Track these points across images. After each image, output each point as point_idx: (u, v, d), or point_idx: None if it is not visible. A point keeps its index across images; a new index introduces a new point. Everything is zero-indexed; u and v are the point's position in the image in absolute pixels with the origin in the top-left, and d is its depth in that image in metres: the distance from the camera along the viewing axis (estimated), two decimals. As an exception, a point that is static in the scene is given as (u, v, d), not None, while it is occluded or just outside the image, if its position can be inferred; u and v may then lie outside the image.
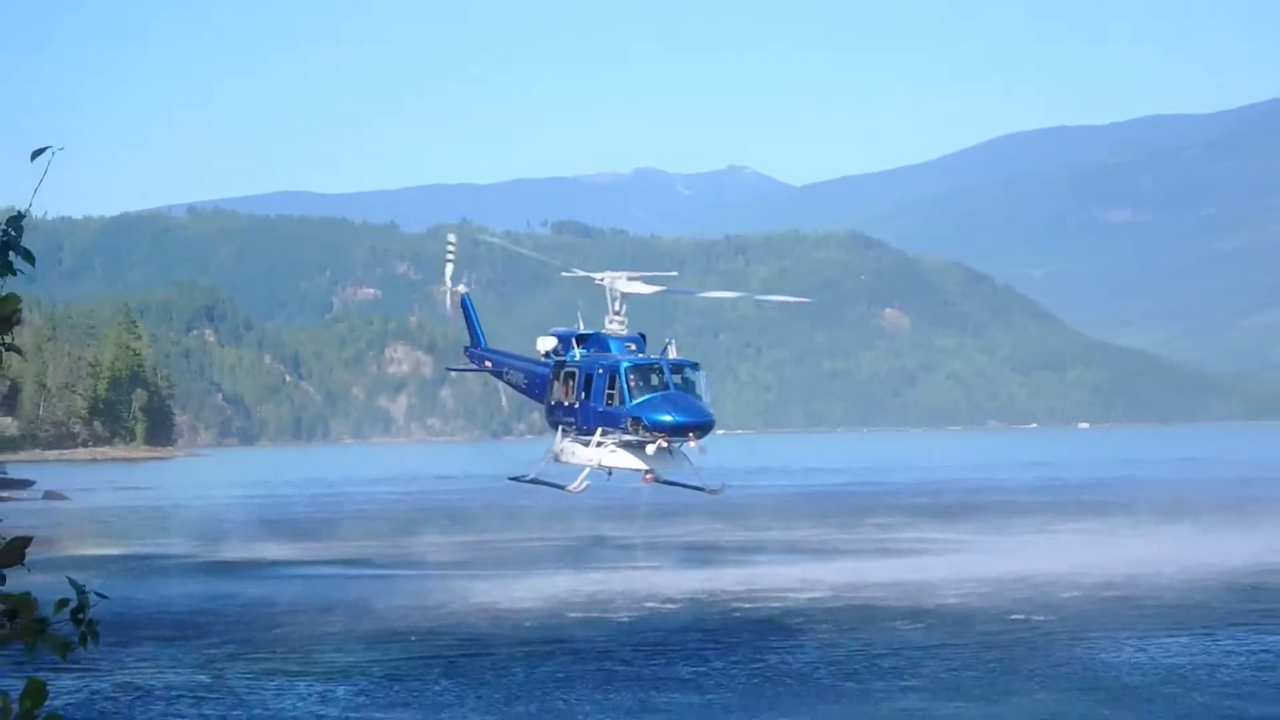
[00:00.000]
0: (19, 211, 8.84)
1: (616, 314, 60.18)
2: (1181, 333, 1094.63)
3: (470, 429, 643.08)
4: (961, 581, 76.54)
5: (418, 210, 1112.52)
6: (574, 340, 60.34)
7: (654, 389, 56.71)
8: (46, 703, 8.46)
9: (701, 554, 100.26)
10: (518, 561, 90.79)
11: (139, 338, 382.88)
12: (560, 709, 44.19)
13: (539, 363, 62.85)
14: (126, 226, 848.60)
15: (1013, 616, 63.92)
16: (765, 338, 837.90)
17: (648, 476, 59.41)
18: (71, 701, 39.81)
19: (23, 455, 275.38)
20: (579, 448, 59.34)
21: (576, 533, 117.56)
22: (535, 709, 43.91)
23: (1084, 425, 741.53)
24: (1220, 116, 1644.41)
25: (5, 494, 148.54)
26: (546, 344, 62.34)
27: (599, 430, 57.77)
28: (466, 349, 68.78)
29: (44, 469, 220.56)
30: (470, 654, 54.01)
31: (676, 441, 57.36)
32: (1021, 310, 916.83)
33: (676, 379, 57.58)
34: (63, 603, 9.05)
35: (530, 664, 51.36)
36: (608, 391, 57.11)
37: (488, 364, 67.52)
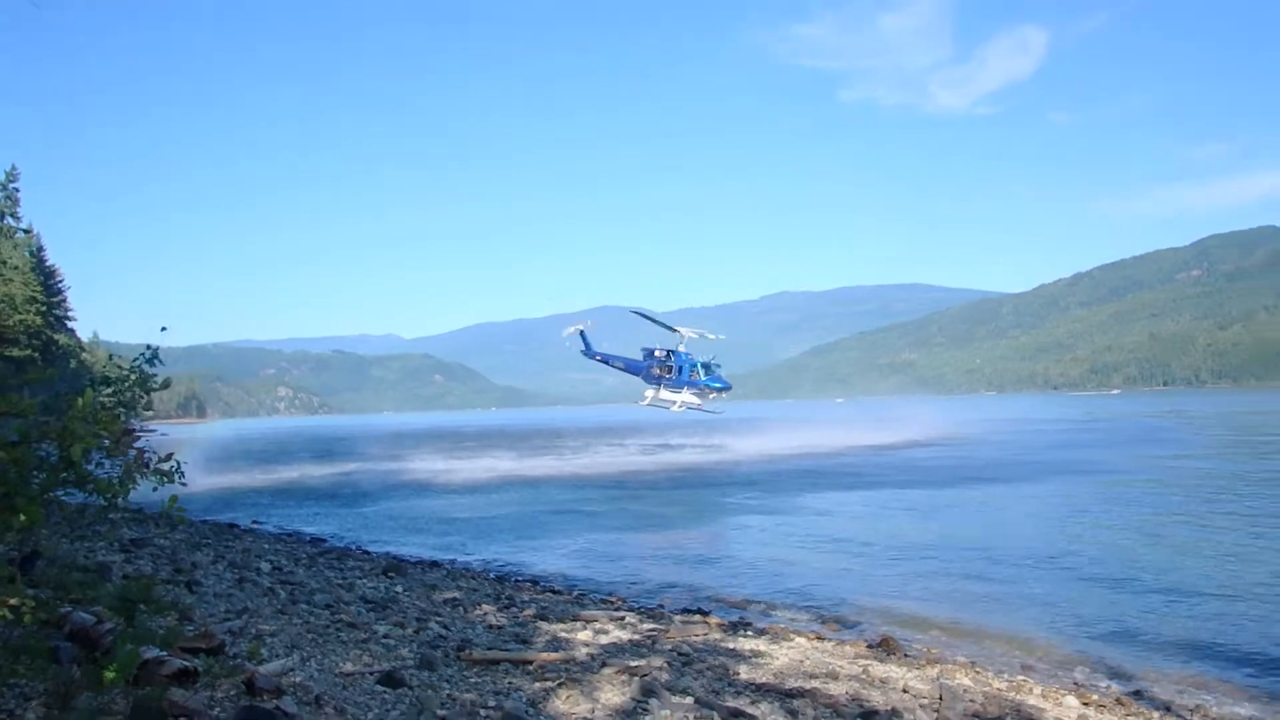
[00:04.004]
0: (157, 346, 8.35)
1: (681, 342, 46.07)
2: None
3: (305, 412, 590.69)
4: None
5: (289, 346, 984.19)
6: (654, 351, 46.45)
7: (708, 372, 44.94)
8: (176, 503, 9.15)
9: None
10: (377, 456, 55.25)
11: (195, 385, 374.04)
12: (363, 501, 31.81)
13: (633, 360, 46.72)
14: (192, 350, 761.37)
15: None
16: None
17: (698, 406, 45.03)
18: (182, 501, 14.41)
19: (152, 422, 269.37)
20: (672, 393, 45.05)
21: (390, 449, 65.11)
22: (348, 502, 33.09)
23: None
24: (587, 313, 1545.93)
25: (145, 434, 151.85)
26: (644, 349, 47.05)
27: (684, 388, 44.99)
28: (582, 351, 47.58)
29: (160, 426, 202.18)
30: (321, 487, 38.97)
31: (712, 395, 45.09)
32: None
33: (715, 369, 45.60)
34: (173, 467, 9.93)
35: (348, 491, 39.80)
36: (690, 372, 44.82)
37: (597, 358, 48.16)
